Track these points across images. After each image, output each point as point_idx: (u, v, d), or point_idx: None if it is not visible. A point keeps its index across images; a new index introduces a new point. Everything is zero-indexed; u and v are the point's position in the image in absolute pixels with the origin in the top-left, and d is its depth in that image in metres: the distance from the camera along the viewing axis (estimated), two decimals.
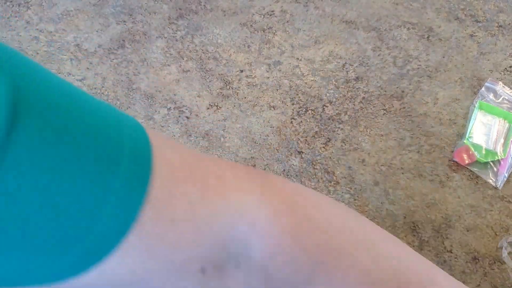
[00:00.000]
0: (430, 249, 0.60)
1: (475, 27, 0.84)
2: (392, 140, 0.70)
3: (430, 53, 0.80)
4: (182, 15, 0.84)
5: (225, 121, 0.71)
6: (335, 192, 0.64)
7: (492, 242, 0.60)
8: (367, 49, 0.81)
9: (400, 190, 0.65)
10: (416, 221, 0.62)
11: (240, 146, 0.68)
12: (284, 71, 0.77)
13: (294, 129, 0.70)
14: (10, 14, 0.83)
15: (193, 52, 0.79)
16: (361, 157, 0.68)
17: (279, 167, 0.66)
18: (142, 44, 0.80)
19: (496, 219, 0.62)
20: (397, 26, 0.84)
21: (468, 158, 0.67)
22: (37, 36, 0.80)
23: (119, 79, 0.75)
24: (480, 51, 0.81)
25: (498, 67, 0.78)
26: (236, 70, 0.77)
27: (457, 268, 0.58)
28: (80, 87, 0.75)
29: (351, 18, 0.85)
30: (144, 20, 0.83)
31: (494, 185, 0.65)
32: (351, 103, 0.74)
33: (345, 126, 0.71)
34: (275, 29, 0.83)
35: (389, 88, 0.76)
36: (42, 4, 0.85)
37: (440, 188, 0.65)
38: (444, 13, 0.86)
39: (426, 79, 0.77)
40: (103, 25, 0.82)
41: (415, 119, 0.72)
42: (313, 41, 0.81)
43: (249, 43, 0.81)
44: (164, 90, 0.74)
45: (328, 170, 0.66)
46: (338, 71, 0.77)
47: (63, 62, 0.77)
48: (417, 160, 0.68)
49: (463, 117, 0.73)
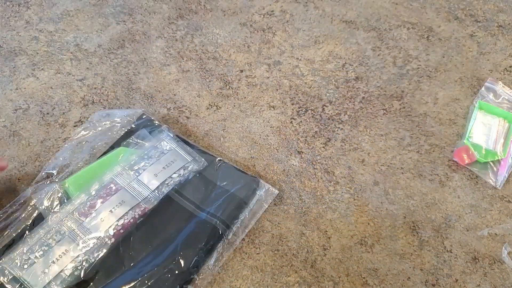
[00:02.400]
0: (430, 249, 0.60)
1: (475, 27, 0.84)
2: (392, 140, 0.70)
3: (430, 53, 0.80)
4: (182, 15, 0.84)
5: (225, 121, 0.71)
6: (335, 192, 0.64)
7: (492, 242, 0.60)
8: (367, 49, 0.81)
9: (400, 190, 0.65)
10: (416, 221, 0.62)
11: (240, 146, 0.68)
12: (284, 71, 0.77)
13: (294, 129, 0.70)
14: (10, 14, 0.83)
15: (193, 52, 0.79)
16: (361, 157, 0.68)
17: (279, 167, 0.66)
18: (142, 44, 0.80)
19: (496, 219, 0.62)
20: (397, 26, 0.84)
21: (468, 158, 0.67)
22: (37, 36, 0.80)
23: (119, 79, 0.75)
24: (480, 51, 0.81)
25: (498, 67, 0.79)
26: (236, 70, 0.77)
27: (457, 268, 0.58)
28: (80, 87, 0.75)
29: (351, 18, 0.85)
30: (144, 20, 0.83)
31: (494, 185, 0.65)
32: (351, 103, 0.74)
33: (345, 126, 0.71)
34: (275, 29, 0.83)
35: (389, 88, 0.76)
36: (42, 4, 0.85)
37: (440, 188, 0.65)
38: (444, 13, 0.86)
39: (426, 79, 0.77)
40: (103, 25, 0.82)
41: (415, 119, 0.72)
42: (313, 41, 0.81)
43: (249, 43, 0.81)
44: (164, 90, 0.74)
45: (328, 170, 0.66)
46: (338, 71, 0.77)
47: (63, 62, 0.77)
48: (417, 160, 0.68)
49: (463, 117, 0.73)
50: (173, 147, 0.62)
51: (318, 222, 0.61)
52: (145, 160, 0.60)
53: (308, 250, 0.59)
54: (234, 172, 0.63)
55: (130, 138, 0.63)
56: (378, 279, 0.57)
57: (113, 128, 0.65)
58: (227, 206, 0.59)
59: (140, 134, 0.64)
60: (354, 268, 0.58)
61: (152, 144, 0.62)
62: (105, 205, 0.56)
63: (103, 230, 0.54)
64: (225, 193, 0.60)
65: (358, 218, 0.62)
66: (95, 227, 0.55)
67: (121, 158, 0.61)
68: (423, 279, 0.57)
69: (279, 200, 0.63)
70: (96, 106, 0.71)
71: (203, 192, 0.60)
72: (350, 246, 0.59)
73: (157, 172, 0.59)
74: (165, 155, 0.61)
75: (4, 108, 0.70)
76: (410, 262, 0.58)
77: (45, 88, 0.73)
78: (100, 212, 0.56)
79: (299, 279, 0.56)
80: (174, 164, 0.61)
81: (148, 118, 0.67)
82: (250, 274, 0.57)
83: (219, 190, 0.60)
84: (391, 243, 0.60)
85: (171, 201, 0.59)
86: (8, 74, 0.74)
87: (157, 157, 0.61)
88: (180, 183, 0.60)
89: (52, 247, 0.53)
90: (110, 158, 0.61)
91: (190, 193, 0.60)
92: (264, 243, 0.59)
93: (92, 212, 0.55)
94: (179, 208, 0.59)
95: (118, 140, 0.64)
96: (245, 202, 0.60)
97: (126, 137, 0.64)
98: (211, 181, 0.61)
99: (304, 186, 0.64)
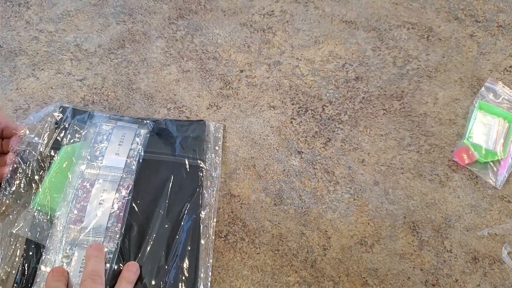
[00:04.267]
0: (430, 249, 0.60)
1: (475, 27, 0.84)
2: (392, 140, 0.70)
3: (430, 53, 0.80)
4: (182, 15, 0.84)
5: (225, 121, 0.71)
6: (334, 192, 0.64)
7: (492, 242, 0.60)
8: (367, 49, 0.81)
9: (400, 190, 0.65)
10: (416, 221, 0.62)
11: (240, 146, 0.68)
12: (284, 71, 0.77)
13: (294, 129, 0.70)
14: (10, 14, 0.83)
15: (193, 52, 0.79)
16: (361, 157, 0.68)
17: (279, 167, 0.66)
18: (142, 44, 0.80)
19: (496, 219, 0.62)
20: (397, 26, 0.84)
21: (468, 158, 0.67)
22: (37, 36, 0.80)
23: (119, 79, 0.75)
24: (480, 51, 0.81)
25: (498, 67, 0.79)
26: (236, 70, 0.77)
27: (457, 268, 0.58)
28: (80, 87, 0.75)
29: (351, 18, 0.85)
30: (144, 20, 0.83)
31: (494, 185, 0.65)
32: (351, 103, 0.74)
33: (345, 126, 0.71)
34: (275, 29, 0.83)
35: (389, 88, 0.76)
36: (42, 4, 0.85)
37: (440, 188, 0.65)
38: (444, 13, 0.87)
39: (426, 79, 0.77)
40: (103, 25, 0.82)
41: (415, 119, 0.72)
42: (313, 41, 0.81)
43: (249, 43, 0.81)
44: (164, 90, 0.74)
45: (328, 170, 0.66)
46: (338, 71, 0.77)
47: (63, 62, 0.77)
48: (417, 160, 0.68)
49: (463, 117, 0.73)
50: (114, 124, 0.63)
51: (318, 222, 0.61)
52: (98, 147, 0.61)
53: (308, 250, 0.59)
54: (181, 122, 0.67)
55: (66, 135, 0.62)
56: (378, 279, 0.57)
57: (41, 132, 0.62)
58: (190, 144, 0.64)
59: (74, 127, 0.63)
60: (354, 268, 0.58)
61: (94, 130, 0.62)
62: (92, 201, 0.56)
63: (105, 221, 0.55)
64: (183, 138, 0.64)
65: (358, 218, 0.62)
66: (98, 224, 0.55)
67: (75, 155, 0.60)
68: (423, 279, 0.57)
69: (279, 200, 0.63)
70: (96, 106, 0.71)
71: (166, 143, 0.64)
72: (350, 246, 0.59)
73: (117, 151, 0.61)
74: (112, 134, 0.62)
75: (4, 108, 0.70)
76: (410, 262, 0.58)
77: (45, 88, 0.73)
78: (92, 210, 0.56)
79: (299, 279, 0.57)
80: (127, 137, 0.62)
81: (71, 108, 0.66)
82: (250, 274, 0.57)
83: (178, 138, 0.64)
84: (391, 243, 0.60)
85: (147, 162, 0.61)
86: (8, 74, 0.74)
87: (107, 139, 0.61)
88: (142, 149, 0.62)
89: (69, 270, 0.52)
90: (62, 162, 0.59)
91: (157, 148, 0.63)
92: (264, 243, 0.59)
93: (83, 215, 0.55)
94: (156, 163, 0.61)
95: (55, 143, 0.62)
96: (202, 138, 0.65)
97: (62, 136, 0.62)
98: (166, 134, 0.64)
99: (304, 186, 0.64)
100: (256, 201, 0.63)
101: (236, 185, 0.64)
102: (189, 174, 0.61)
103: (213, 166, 0.64)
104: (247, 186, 0.64)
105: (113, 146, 0.61)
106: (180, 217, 0.58)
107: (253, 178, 0.65)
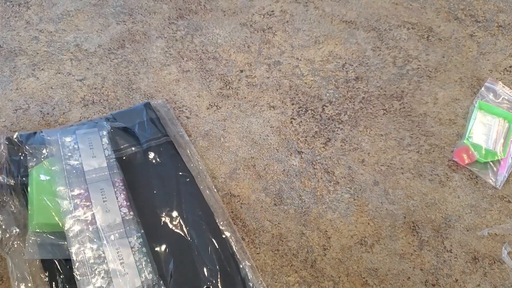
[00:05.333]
0: (430, 249, 0.60)
1: (475, 27, 0.84)
2: (392, 140, 0.70)
3: (430, 53, 0.80)
4: (182, 15, 0.84)
5: (225, 121, 0.71)
6: (334, 192, 0.64)
7: (492, 242, 0.60)
8: (367, 49, 0.81)
9: (400, 190, 0.65)
10: (416, 221, 0.62)
11: (240, 146, 0.68)
12: (284, 71, 0.77)
13: (294, 129, 0.70)
14: (10, 14, 0.83)
15: (193, 52, 0.79)
16: (361, 157, 0.68)
17: (279, 167, 0.66)
18: (142, 44, 0.80)
19: (496, 219, 0.62)
20: (397, 26, 0.84)
21: (468, 158, 0.67)
22: (37, 36, 0.80)
23: (119, 79, 0.75)
24: (480, 51, 0.81)
25: (497, 67, 0.79)
26: (236, 70, 0.77)
27: (457, 268, 0.58)
28: (80, 87, 0.75)
29: (351, 18, 0.85)
30: (144, 20, 0.83)
31: (494, 185, 0.65)
32: (351, 103, 0.74)
33: (345, 126, 0.71)
34: (275, 29, 0.83)
35: (389, 88, 0.76)
36: (42, 4, 0.85)
37: (440, 188, 0.65)
38: (444, 13, 0.87)
39: (425, 79, 0.77)
40: (103, 25, 0.82)
41: (415, 119, 0.72)
42: (313, 41, 0.81)
43: (249, 43, 0.81)
44: (164, 90, 0.74)
45: (328, 170, 0.66)
46: (338, 71, 0.77)
47: (63, 62, 0.77)
48: (417, 160, 0.68)
49: (463, 117, 0.73)
50: (74, 135, 0.64)
51: (318, 222, 0.61)
52: (72, 157, 0.62)
53: (308, 250, 0.59)
54: (128, 111, 0.69)
55: (31, 160, 0.61)
56: (378, 279, 0.57)
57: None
58: (148, 127, 0.66)
59: (34, 149, 0.62)
60: (354, 268, 0.58)
61: (58, 145, 0.62)
62: (96, 203, 0.57)
63: (118, 215, 0.57)
64: (138, 125, 0.67)
65: (358, 218, 0.62)
66: (113, 219, 0.56)
67: (53, 172, 0.59)
68: (423, 279, 0.57)
69: (279, 200, 0.63)
70: (96, 106, 0.71)
71: (128, 135, 0.66)
72: (350, 246, 0.59)
73: (92, 155, 0.62)
74: (79, 142, 0.63)
75: (4, 108, 0.70)
76: (410, 262, 0.58)
77: (45, 88, 0.73)
78: (100, 211, 0.56)
79: (299, 279, 0.57)
80: (94, 141, 0.64)
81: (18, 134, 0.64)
82: None
83: (134, 127, 0.67)
84: (391, 243, 0.60)
85: (122, 158, 0.64)
86: (8, 74, 0.74)
87: (77, 148, 0.63)
88: (111, 147, 0.64)
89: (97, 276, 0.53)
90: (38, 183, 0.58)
91: (125, 142, 0.65)
92: (264, 243, 0.59)
93: (94, 217, 0.56)
94: (130, 156, 0.64)
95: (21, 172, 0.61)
96: (156, 117, 0.68)
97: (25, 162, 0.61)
98: (123, 128, 0.66)
99: (304, 186, 0.64)
100: (256, 201, 0.63)
101: (236, 185, 0.64)
102: (164, 152, 0.65)
103: (178, 134, 0.67)
104: (247, 186, 0.64)
105: (86, 153, 0.62)
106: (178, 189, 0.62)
107: (253, 178, 0.65)
